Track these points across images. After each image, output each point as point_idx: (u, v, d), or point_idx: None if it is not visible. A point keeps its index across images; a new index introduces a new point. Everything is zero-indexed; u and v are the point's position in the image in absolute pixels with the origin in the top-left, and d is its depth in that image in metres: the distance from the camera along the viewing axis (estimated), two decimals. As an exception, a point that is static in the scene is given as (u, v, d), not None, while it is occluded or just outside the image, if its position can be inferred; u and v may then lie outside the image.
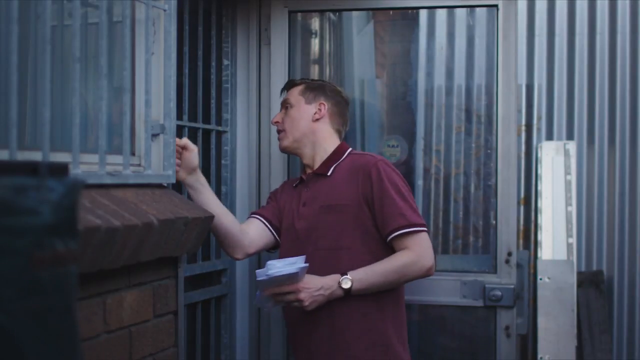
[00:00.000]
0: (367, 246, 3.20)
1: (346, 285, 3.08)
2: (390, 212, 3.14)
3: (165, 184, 2.90)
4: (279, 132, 3.47)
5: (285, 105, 3.46)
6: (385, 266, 3.13)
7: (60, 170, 1.53)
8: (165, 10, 2.86)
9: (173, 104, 2.88)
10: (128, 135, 2.63)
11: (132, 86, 2.76)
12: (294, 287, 3.05)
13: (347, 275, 3.09)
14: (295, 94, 3.44)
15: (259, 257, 3.93)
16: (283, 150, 3.47)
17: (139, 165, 2.81)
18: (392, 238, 3.14)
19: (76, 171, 2.29)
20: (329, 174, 3.31)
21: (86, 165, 2.46)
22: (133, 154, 2.79)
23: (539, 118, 4.17)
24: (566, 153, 3.92)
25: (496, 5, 3.85)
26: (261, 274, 3.01)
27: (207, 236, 3.61)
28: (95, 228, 2.14)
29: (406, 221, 3.13)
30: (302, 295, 3.05)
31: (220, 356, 3.90)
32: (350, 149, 3.38)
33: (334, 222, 3.24)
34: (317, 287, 3.07)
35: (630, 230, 4.10)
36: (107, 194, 2.43)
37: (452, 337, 4.03)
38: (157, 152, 2.87)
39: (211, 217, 2.98)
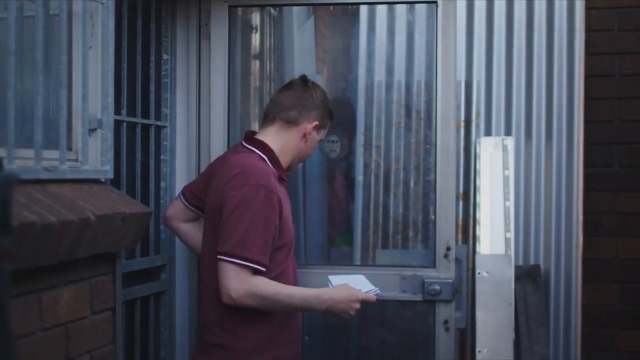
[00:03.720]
0: None
1: None
2: None
3: (103, 179, 2.88)
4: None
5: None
6: None
7: (-7, 165, 1.50)
8: (102, 4, 2.84)
9: (111, 99, 2.86)
10: (65, 130, 2.61)
11: (69, 80, 2.73)
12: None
13: None
14: None
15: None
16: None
17: (76, 160, 2.78)
18: None
19: (11, 166, 2.26)
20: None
21: (21, 160, 2.43)
22: (70, 149, 2.76)
23: (478, 114, 4.19)
24: (504, 148, 3.96)
25: (435, 2, 3.88)
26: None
27: (146, 232, 3.59)
28: (31, 224, 2.12)
29: None
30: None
31: (159, 353, 3.88)
32: None
33: None
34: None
35: (566, 225, 4.15)
36: (43, 189, 2.40)
37: (392, 332, 4.05)
38: (95, 147, 2.84)
39: (149, 213, 2.96)
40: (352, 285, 3.26)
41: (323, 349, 4.14)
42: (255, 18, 4.36)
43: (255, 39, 4.39)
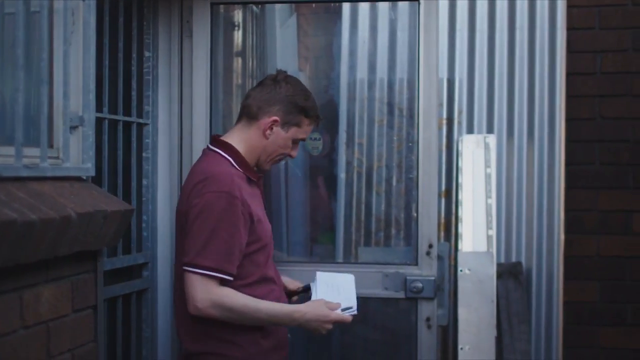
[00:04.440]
0: None
1: None
2: None
3: (84, 177, 2.87)
4: (282, 158, 3.35)
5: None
6: None
7: (-27, 162, 1.50)
8: (84, 1, 2.83)
9: (92, 96, 2.84)
10: (46, 128, 2.59)
11: (50, 77, 2.71)
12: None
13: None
14: None
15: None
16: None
17: (58, 157, 2.77)
18: None
19: (-9, 164, 2.25)
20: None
21: (2, 158, 2.42)
22: (51, 146, 2.75)
23: (460, 112, 4.20)
24: (486, 146, 3.97)
25: (418, 0, 3.88)
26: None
27: (128, 230, 3.58)
28: (11, 222, 2.11)
29: None
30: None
31: (141, 351, 3.87)
32: None
33: None
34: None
35: (548, 223, 4.17)
36: (24, 187, 2.39)
37: (374, 329, 4.06)
38: (76, 144, 2.83)
39: (131, 211, 2.95)
40: (336, 291, 3.23)
41: (306, 347, 4.15)
42: (238, 15, 4.35)
43: (238, 36, 4.39)
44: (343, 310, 3.13)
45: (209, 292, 2.96)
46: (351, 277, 3.40)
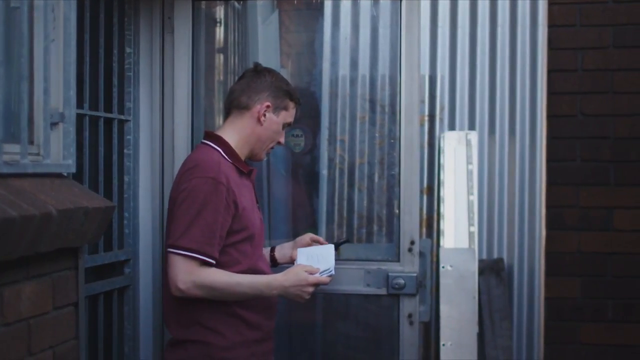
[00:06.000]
0: None
1: None
2: None
3: (65, 174, 2.85)
4: (274, 146, 3.42)
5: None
6: None
7: (-48, 158, 1.49)
8: (64, -3, 2.81)
9: (73, 92, 2.83)
10: (26, 124, 2.58)
11: (30, 74, 2.70)
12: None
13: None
14: None
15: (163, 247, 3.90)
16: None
17: (38, 154, 2.75)
18: None
19: (-29, 160, 2.24)
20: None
21: (-18, 155, 2.40)
22: (31, 142, 2.73)
23: (442, 108, 4.22)
24: (468, 143, 3.98)
25: (400, -3, 3.89)
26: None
27: (109, 226, 3.56)
28: (-9, 218, 2.10)
29: None
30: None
31: (123, 348, 3.86)
32: None
33: None
34: None
35: (529, 219, 4.19)
36: (4, 183, 2.38)
37: (356, 326, 4.06)
38: (57, 141, 2.81)
39: (112, 207, 2.94)
40: (316, 260, 3.27)
41: (288, 343, 4.14)
42: (219, 12, 4.34)
43: (219, 32, 4.37)
44: (321, 273, 3.21)
45: (191, 273, 3.04)
46: (331, 246, 3.44)
